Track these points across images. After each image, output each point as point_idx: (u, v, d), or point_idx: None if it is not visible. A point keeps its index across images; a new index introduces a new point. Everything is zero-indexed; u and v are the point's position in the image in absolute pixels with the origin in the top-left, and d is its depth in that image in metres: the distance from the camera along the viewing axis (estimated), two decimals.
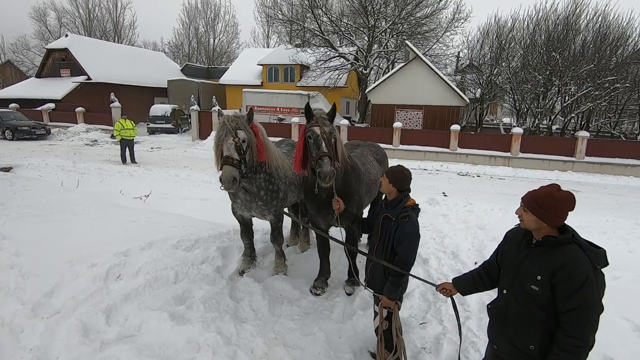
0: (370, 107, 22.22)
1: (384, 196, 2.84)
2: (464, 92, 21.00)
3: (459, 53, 26.39)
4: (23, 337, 3.01)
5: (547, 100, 19.12)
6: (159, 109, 23.11)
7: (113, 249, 4.34)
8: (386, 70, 23.46)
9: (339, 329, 3.50)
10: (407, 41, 20.35)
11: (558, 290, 1.76)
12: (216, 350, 3.01)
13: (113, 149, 16.40)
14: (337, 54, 22.94)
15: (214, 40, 47.87)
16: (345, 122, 18.29)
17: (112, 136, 19.29)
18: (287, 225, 5.71)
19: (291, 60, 24.96)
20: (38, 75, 28.63)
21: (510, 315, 1.98)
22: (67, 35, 28.99)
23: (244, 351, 3.08)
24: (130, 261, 4.17)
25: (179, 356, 2.95)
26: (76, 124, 22.48)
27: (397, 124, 17.40)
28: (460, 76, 25.13)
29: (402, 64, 19.71)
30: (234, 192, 3.73)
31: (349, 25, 23.50)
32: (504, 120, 27.94)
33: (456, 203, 8.22)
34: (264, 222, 4.83)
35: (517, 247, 2.02)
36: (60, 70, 27.48)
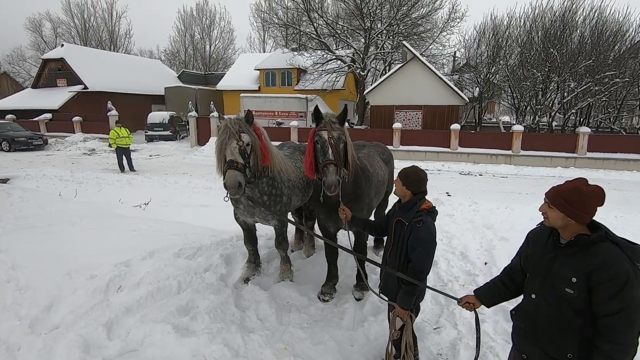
0: (369, 108, 22.15)
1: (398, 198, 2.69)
2: (462, 92, 20.95)
3: (455, 53, 26.41)
4: (20, 355, 2.86)
5: (547, 97, 19.07)
6: (157, 116, 23.01)
7: (113, 260, 4.20)
8: (383, 72, 23.42)
9: (350, 336, 3.36)
10: (404, 42, 20.31)
11: (596, 293, 1.62)
12: None
13: (111, 157, 16.25)
14: (334, 57, 22.90)
15: (210, 47, 47.95)
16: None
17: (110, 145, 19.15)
18: (292, 229, 5.58)
19: (288, 64, 24.92)
20: (34, 85, 28.54)
21: (541, 321, 1.84)
22: (62, 45, 28.97)
23: None
24: (131, 272, 4.02)
25: None
26: (73, 133, 22.36)
27: (397, 125, 17.32)
28: (457, 75, 25.09)
29: (399, 65, 19.68)
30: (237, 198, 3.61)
31: (345, 28, 23.49)
32: (503, 119, 27.88)
33: (461, 203, 8.09)
34: (267, 228, 4.70)
35: (542, 248, 1.88)
36: (56, 80, 27.40)
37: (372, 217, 4.55)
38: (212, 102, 25.16)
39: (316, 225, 4.57)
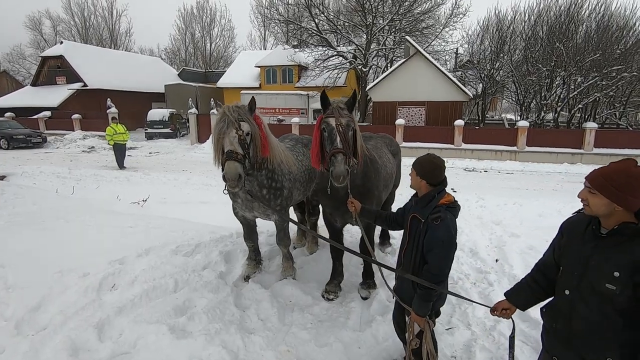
0: (371, 105, 21.89)
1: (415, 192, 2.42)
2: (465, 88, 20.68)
3: (457, 49, 26.10)
4: (4, 358, 2.67)
5: (552, 92, 18.78)
6: (157, 113, 22.79)
7: (107, 257, 4.01)
8: (385, 69, 23.13)
9: (357, 338, 3.15)
10: (407, 36, 20.02)
11: None
12: None
13: (110, 155, 16.06)
14: (335, 53, 22.63)
15: (211, 45, 47.75)
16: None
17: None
18: (294, 225, 5.37)
19: (289, 61, 24.67)
20: (34, 83, 28.38)
21: (575, 321, 1.63)
22: (62, 43, 28.75)
23: None
24: (126, 269, 3.83)
25: None
26: (73, 131, 22.20)
27: (400, 121, 17.09)
28: (460, 72, 24.80)
29: (401, 60, 19.41)
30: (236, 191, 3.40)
31: (347, 24, 23.20)
32: (507, 117, 27.57)
33: (467, 199, 7.88)
34: (268, 223, 4.49)
35: (580, 238, 1.66)
36: (56, 78, 27.23)
37: None
38: (212, 99, 25.01)
39: (320, 220, 4.37)
